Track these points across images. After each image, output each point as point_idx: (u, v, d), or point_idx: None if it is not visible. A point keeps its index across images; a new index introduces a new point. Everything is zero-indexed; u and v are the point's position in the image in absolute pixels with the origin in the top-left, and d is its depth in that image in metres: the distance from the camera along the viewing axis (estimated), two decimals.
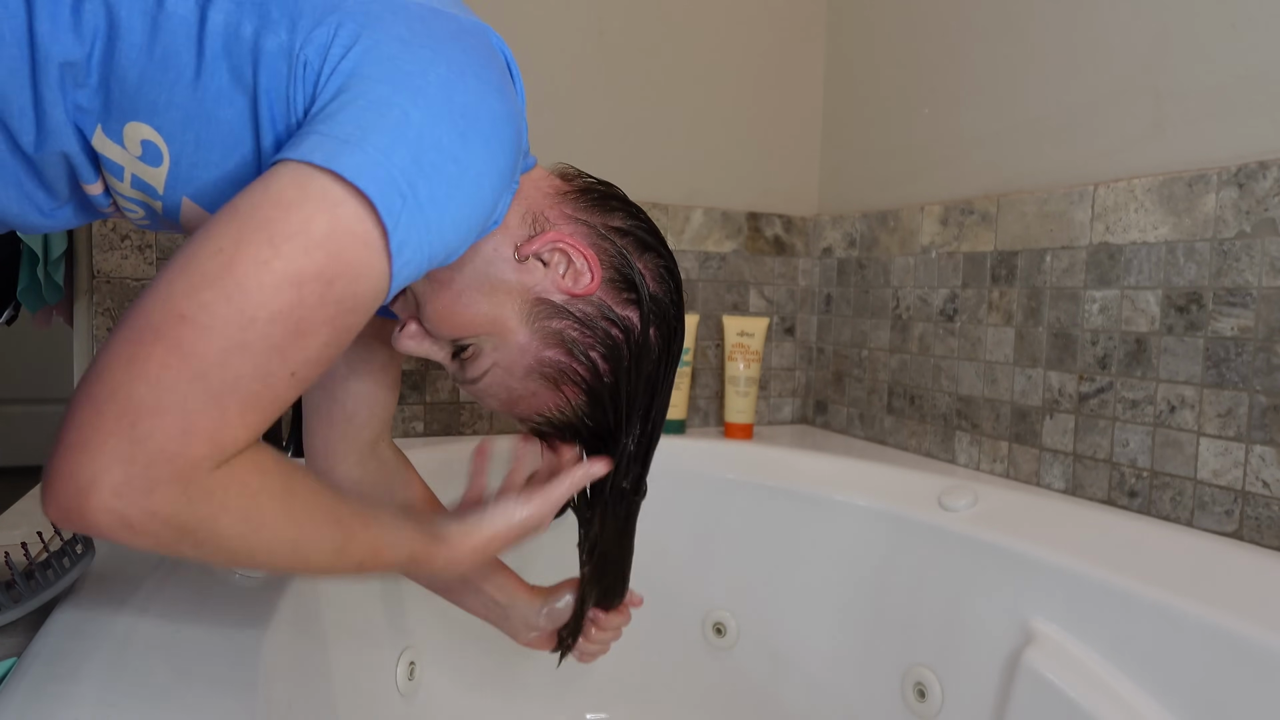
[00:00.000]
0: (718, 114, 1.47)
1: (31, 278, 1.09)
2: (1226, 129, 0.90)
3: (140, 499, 0.39)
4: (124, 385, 0.39)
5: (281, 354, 0.42)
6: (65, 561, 0.61)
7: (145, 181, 0.51)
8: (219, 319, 0.40)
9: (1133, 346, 0.97)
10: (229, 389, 0.41)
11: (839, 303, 1.48)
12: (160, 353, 0.39)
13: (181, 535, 0.41)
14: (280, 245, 0.41)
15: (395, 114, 0.45)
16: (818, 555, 1.12)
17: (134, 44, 0.45)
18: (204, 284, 0.40)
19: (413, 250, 0.45)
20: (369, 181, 0.43)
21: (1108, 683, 0.78)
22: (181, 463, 0.40)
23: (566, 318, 0.59)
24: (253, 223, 0.42)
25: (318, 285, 0.42)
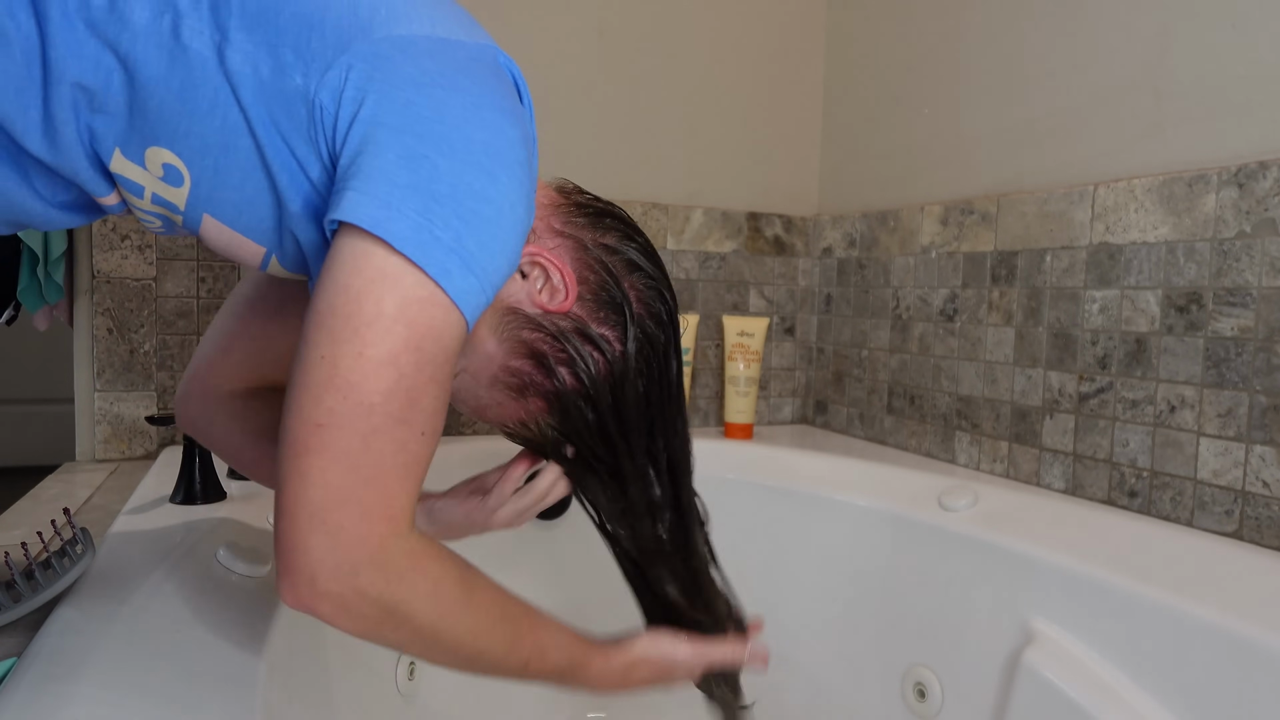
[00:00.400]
0: (718, 114, 1.47)
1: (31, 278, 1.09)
2: (1226, 129, 0.90)
3: (349, 580, 0.46)
4: (303, 495, 0.45)
5: (406, 423, 0.47)
6: (65, 561, 0.61)
7: (167, 200, 0.52)
8: (346, 417, 0.46)
9: (1133, 346, 0.97)
10: (380, 468, 0.46)
11: (839, 303, 1.48)
12: (317, 461, 0.45)
13: (385, 614, 0.48)
14: (365, 334, 0.46)
15: (426, 168, 0.47)
16: (818, 555, 1.12)
17: (152, 76, 0.47)
18: (323, 391, 0.46)
19: (477, 294, 0.49)
20: (416, 250, 0.46)
21: (1108, 683, 0.78)
22: (372, 542, 0.46)
23: (538, 330, 0.59)
24: (336, 323, 0.46)
25: (410, 355, 0.47)
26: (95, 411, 1.17)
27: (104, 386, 1.17)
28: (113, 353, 1.17)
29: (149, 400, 1.18)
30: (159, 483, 0.96)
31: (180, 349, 1.20)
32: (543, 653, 0.57)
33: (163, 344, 1.19)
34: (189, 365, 0.74)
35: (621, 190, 1.40)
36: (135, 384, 1.18)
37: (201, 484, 0.89)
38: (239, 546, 0.73)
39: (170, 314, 1.19)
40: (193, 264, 1.19)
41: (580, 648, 0.61)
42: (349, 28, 0.49)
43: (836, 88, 1.52)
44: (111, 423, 1.17)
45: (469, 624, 0.52)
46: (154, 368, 1.18)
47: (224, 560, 0.70)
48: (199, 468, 0.89)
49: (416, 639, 0.50)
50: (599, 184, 1.48)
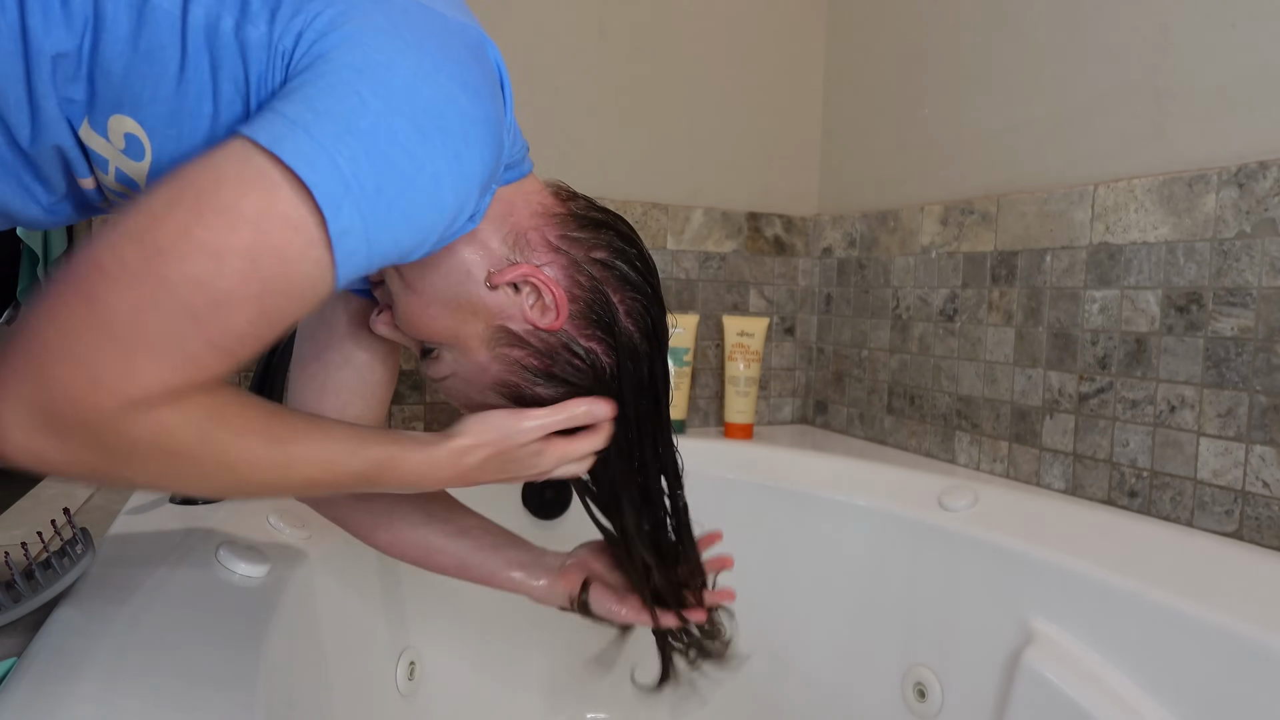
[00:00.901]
0: (718, 114, 1.47)
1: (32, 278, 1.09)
2: (1226, 129, 0.90)
3: (51, 440, 0.41)
4: (39, 330, 0.40)
5: (198, 321, 0.42)
6: (65, 561, 0.61)
7: (128, 175, 0.51)
8: (131, 273, 0.40)
9: (1133, 346, 0.97)
10: (138, 344, 0.41)
11: (839, 303, 1.48)
12: (74, 301, 0.40)
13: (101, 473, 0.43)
14: (206, 215, 0.42)
15: (352, 100, 0.44)
16: (818, 555, 1.12)
17: (119, 36, 0.45)
18: (125, 240, 0.41)
19: (357, 240, 0.45)
20: (308, 168, 0.42)
21: (1108, 683, 0.78)
22: (88, 410, 0.40)
23: (526, 348, 0.60)
24: (187, 191, 0.42)
25: (240, 261, 0.42)
26: None
27: None
28: None
29: None
30: None
31: None
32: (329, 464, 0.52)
33: None
34: None
35: (621, 190, 1.40)
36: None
37: None
38: (239, 546, 0.73)
39: None
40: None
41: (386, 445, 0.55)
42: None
43: (836, 88, 1.52)
44: None
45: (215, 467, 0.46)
46: None
47: (224, 560, 0.70)
48: None
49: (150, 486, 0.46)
50: (599, 184, 1.49)
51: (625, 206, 1.40)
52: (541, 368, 0.60)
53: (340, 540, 0.85)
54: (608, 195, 1.40)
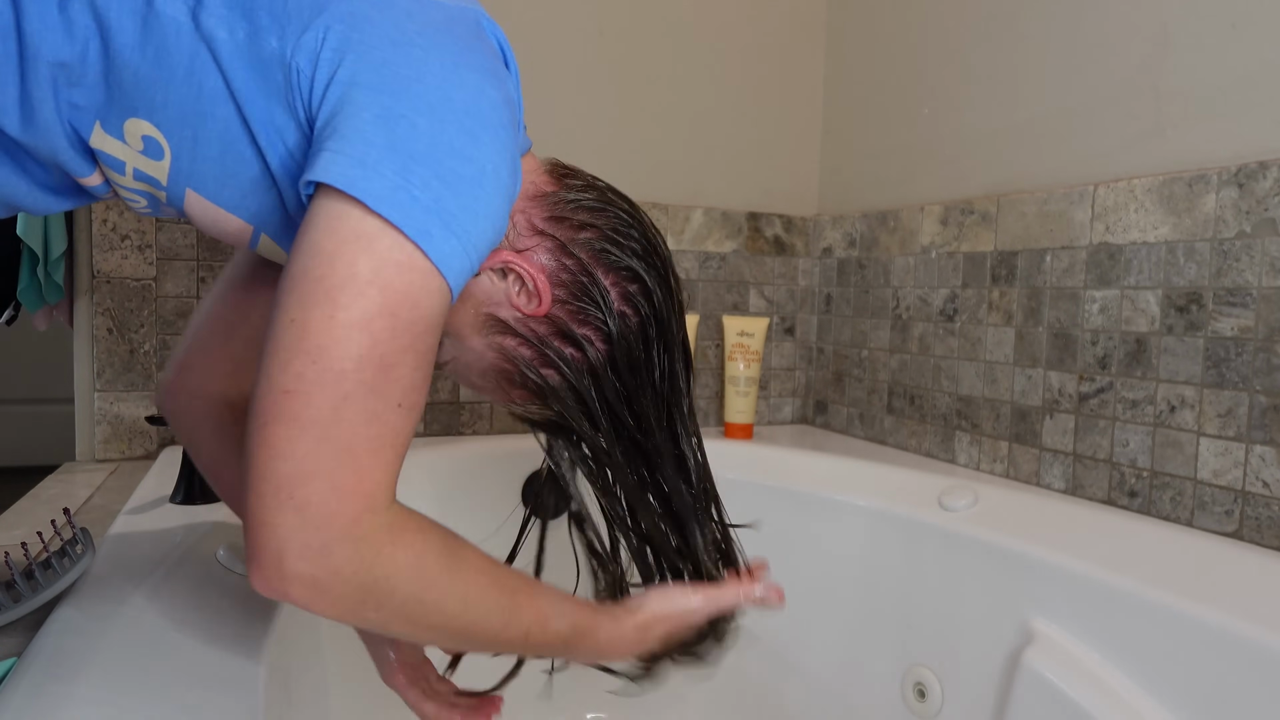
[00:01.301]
0: (718, 114, 1.47)
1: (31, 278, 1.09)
2: (1226, 129, 0.90)
3: (321, 560, 0.43)
4: (269, 469, 0.43)
5: (380, 393, 0.45)
6: (65, 561, 0.61)
7: (148, 174, 0.51)
8: (314, 383, 0.43)
9: (1133, 346, 0.97)
10: (352, 439, 0.44)
11: (839, 303, 1.48)
12: (283, 430, 0.43)
13: (364, 595, 0.45)
14: (336, 297, 0.44)
15: (404, 127, 0.46)
16: (818, 555, 1.12)
17: (126, 43, 0.46)
18: (291, 357, 0.43)
19: (460, 258, 0.47)
20: (393, 209, 0.44)
21: (1108, 683, 0.78)
22: (344, 518, 0.43)
23: (516, 336, 0.60)
24: (308, 286, 0.44)
25: (384, 320, 0.45)
26: (95, 411, 1.17)
27: (104, 386, 1.17)
28: (113, 353, 1.17)
29: (149, 400, 1.18)
30: (159, 483, 0.96)
31: None
32: (544, 621, 0.54)
33: (163, 344, 1.19)
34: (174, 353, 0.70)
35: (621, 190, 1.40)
36: (135, 384, 1.18)
37: (201, 484, 0.89)
38: (239, 546, 0.73)
39: (170, 314, 1.19)
40: (193, 264, 1.19)
41: (585, 613, 0.57)
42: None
43: (836, 88, 1.52)
44: (111, 423, 1.17)
45: (459, 596, 0.49)
46: (154, 368, 1.18)
47: (224, 560, 0.70)
48: None
49: (401, 616, 0.47)
50: None
51: None
52: (534, 356, 0.60)
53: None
54: None
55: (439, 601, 0.48)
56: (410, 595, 0.46)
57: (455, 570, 0.49)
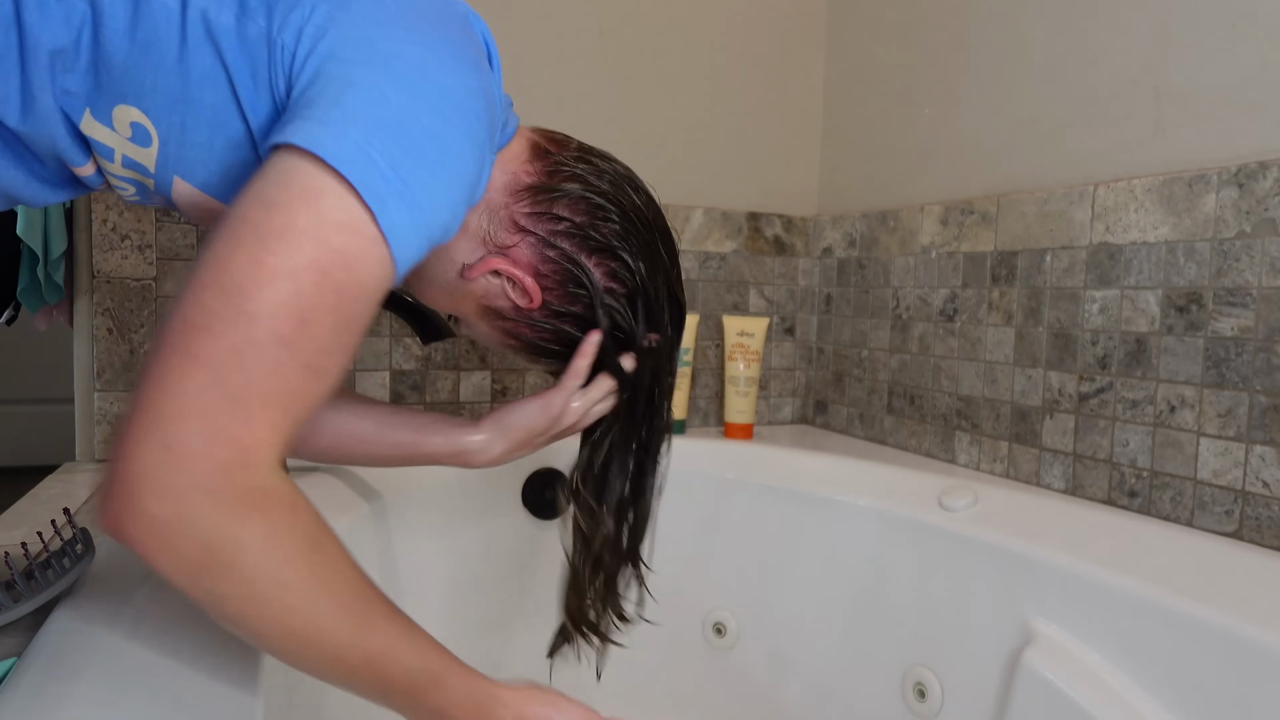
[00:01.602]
0: (718, 114, 1.47)
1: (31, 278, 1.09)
2: (1226, 129, 0.90)
3: (174, 504, 0.40)
4: (152, 397, 0.40)
5: (290, 347, 0.43)
6: (65, 561, 0.61)
7: (136, 161, 0.52)
8: (222, 320, 0.41)
9: (1133, 346, 0.97)
10: (244, 389, 0.41)
11: (839, 303, 1.48)
12: (177, 362, 0.41)
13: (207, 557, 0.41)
14: (268, 242, 0.42)
15: (374, 96, 0.46)
16: (818, 555, 1.12)
17: (116, 29, 0.46)
18: (204, 289, 0.42)
19: (408, 231, 0.46)
20: (349, 167, 0.44)
21: (1108, 683, 0.78)
22: (211, 467, 0.40)
23: (517, 322, 0.65)
24: (243, 227, 0.43)
25: (312, 275, 0.43)
26: (95, 411, 1.17)
27: (104, 386, 1.17)
28: (113, 353, 1.17)
29: None
30: None
31: None
32: (395, 650, 0.48)
33: None
34: None
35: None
36: (135, 384, 1.18)
37: None
38: None
39: None
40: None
41: (443, 660, 0.50)
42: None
43: (836, 88, 1.52)
44: (111, 423, 1.17)
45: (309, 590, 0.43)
46: None
47: None
48: None
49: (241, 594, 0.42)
50: None
51: None
52: (537, 336, 0.65)
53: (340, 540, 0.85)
54: None
55: (285, 591, 0.43)
56: (257, 572, 0.42)
57: (315, 562, 0.44)
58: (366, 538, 0.93)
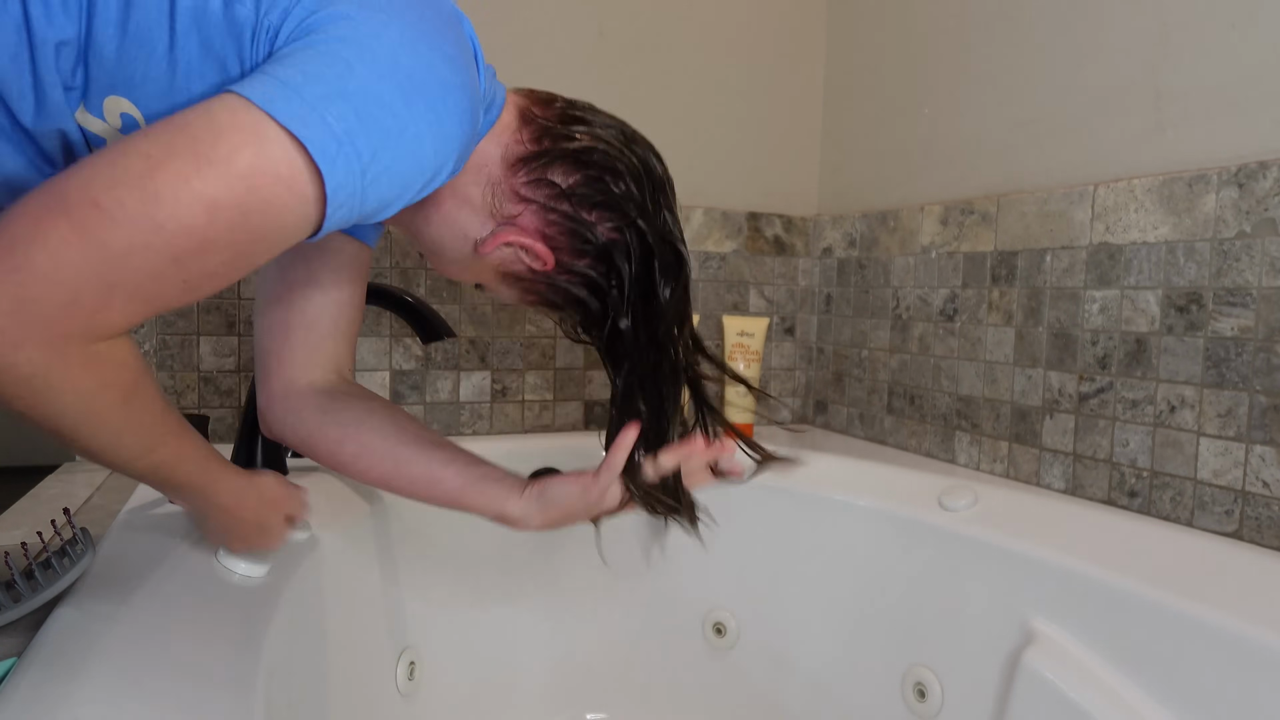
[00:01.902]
0: (718, 114, 1.47)
1: None
2: (1226, 129, 0.90)
3: (7, 350, 0.40)
4: (23, 245, 0.40)
5: (180, 263, 0.44)
6: (65, 561, 0.61)
7: None
8: (130, 217, 0.42)
9: (1133, 346, 0.97)
10: (121, 280, 0.42)
11: (839, 303, 1.48)
12: (65, 229, 0.40)
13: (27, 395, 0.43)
14: (203, 167, 0.43)
15: (340, 67, 0.47)
16: (818, 555, 1.12)
17: (109, 19, 0.47)
18: (123, 181, 0.42)
19: (347, 196, 0.47)
20: (302, 126, 0.44)
21: (1108, 683, 0.78)
22: (56, 330, 0.41)
23: (535, 281, 0.68)
24: (184, 138, 0.43)
25: (232, 214, 0.44)
26: None
27: None
28: None
29: None
30: None
31: (180, 349, 1.20)
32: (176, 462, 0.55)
33: (163, 344, 1.19)
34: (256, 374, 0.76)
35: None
36: None
37: None
38: None
39: (170, 314, 1.19)
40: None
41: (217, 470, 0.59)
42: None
43: (836, 88, 1.52)
44: None
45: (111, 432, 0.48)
46: (154, 368, 1.18)
47: (224, 560, 0.70)
48: None
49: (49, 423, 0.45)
50: None
51: None
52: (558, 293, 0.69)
53: (340, 540, 0.85)
54: None
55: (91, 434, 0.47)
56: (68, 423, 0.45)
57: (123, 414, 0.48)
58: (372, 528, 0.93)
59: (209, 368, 1.21)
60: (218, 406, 1.21)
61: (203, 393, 1.21)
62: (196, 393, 1.21)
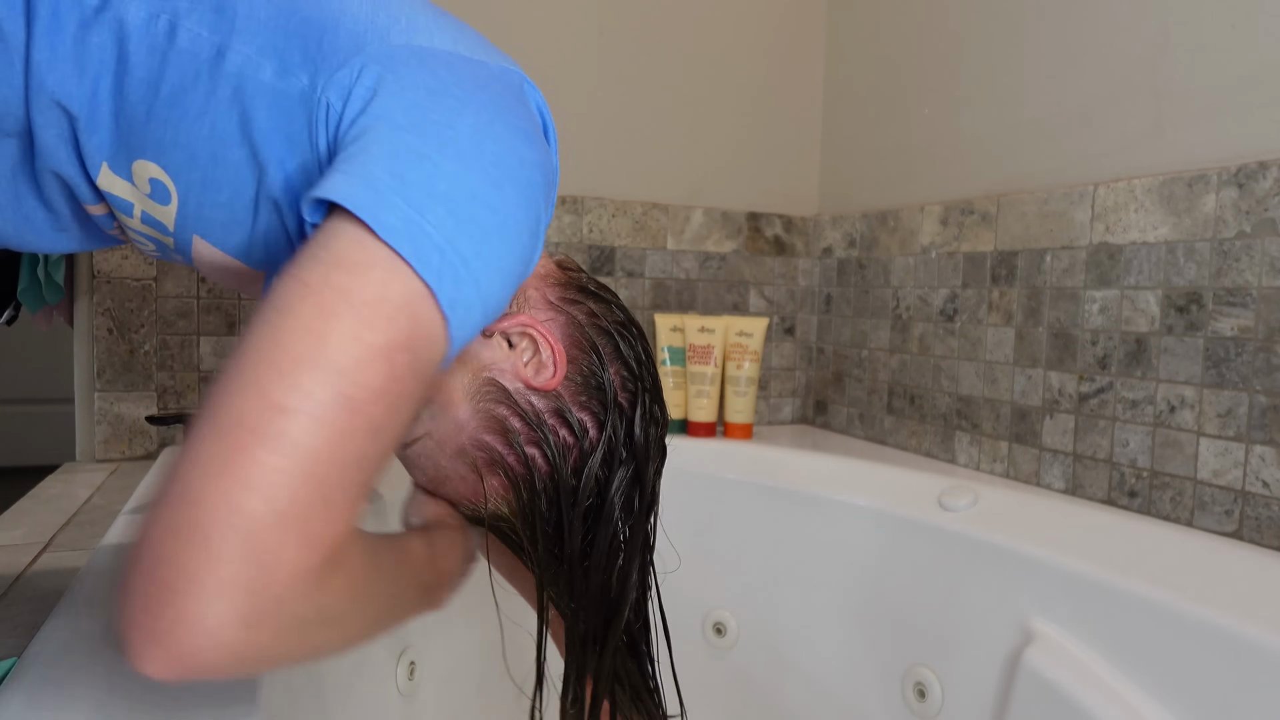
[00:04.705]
0: (718, 114, 1.47)
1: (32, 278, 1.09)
2: (1226, 129, 0.90)
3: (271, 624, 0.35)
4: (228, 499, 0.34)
5: (379, 435, 0.38)
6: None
7: (155, 219, 0.50)
8: (324, 406, 0.36)
9: (1133, 346, 0.97)
10: (337, 481, 0.36)
11: (839, 303, 1.48)
12: (265, 455, 0.34)
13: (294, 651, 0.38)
14: (365, 315, 0.38)
15: (426, 166, 0.42)
16: (818, 555, 1.12)
17: (141, 79, 0.44)
18: (298, 368, 0.36)
19: (465, 309, 0.43)
20: (404, 241, 0.40)
21: (1108, 683, 0.78)
22: (307, 577, 0.36)
23: (513, 407, 0.55)
24: (329, 295, 0.38)
25: (405, 355, 0.39)
26: (95, 411, 1.17)
27: (104, 386, 1.17)
28: (113, 353, 1.17)
29: (149, 400, 1.18)
30: None
31: (180, 349, 1.20)
32: None
33: (163, 344, 1.19)
34: None
35: (621, 190, 1.41)
36: (135, 384, 1.18)
37: None
38: None
39: (170, 314, 1.19)
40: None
41: None
42: (365, 32, 0.46)
43: (836, 88, 1.52)
44: (111, 423, 1.17)
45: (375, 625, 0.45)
46: (154, 368, 1.18)
47: None
48: None
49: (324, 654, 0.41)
50: (599, 184, 1.49)
51: (625, 206, 1.40)
52: (525, 432, 0.55)
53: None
54: (607, 195, 1.40)
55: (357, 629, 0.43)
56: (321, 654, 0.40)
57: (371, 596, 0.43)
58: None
59: (209, 368, 1.21)
60: None
61: (203, 393, 1.21)
62: (196, 393, 1.21)
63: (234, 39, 0.45)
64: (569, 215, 1.37)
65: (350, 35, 0.46)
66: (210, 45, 0.44)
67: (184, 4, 0.44)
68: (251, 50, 0.45)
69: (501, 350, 0.56)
